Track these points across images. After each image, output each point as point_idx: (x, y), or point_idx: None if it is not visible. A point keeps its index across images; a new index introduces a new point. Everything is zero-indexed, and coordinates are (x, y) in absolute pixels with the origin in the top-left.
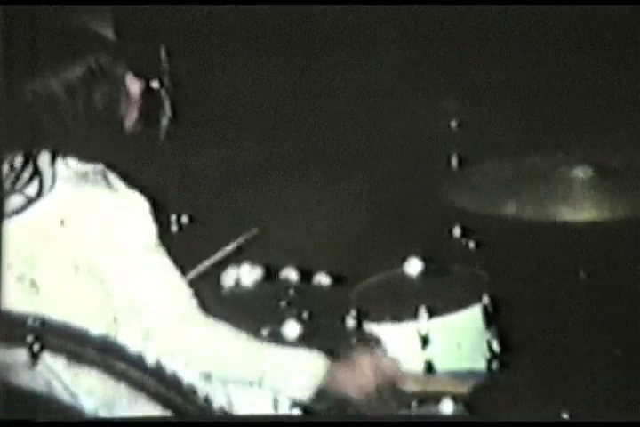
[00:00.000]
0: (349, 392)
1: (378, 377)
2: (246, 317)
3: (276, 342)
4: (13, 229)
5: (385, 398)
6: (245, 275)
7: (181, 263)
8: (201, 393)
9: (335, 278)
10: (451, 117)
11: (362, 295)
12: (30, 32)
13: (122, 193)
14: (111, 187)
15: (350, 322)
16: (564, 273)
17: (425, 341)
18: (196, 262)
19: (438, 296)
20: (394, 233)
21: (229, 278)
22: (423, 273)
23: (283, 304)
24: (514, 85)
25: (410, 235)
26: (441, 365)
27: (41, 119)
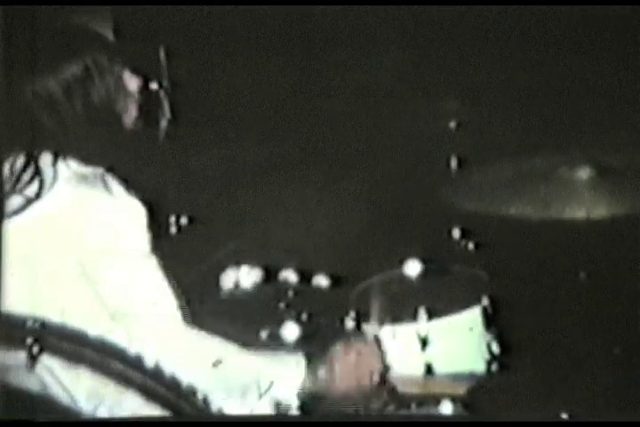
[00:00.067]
0: (333, 393)
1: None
2: (245, 318)
3: (273, 345)
4: (13, 229)
5: (376, 397)
6: (244, 276)
7: (181, 264)
8: (200, 394)
9: (334, 280)
10: (450, 118)
11: (361, 297)
12: (30, 32)
13: (119, 198)
14: (109, 191)
15: (349, 323)
16: (564, 274)
17: (424, 342)
18: (195, 263)
19: (438, 297)
20: (393, 234)
21: (228, 280)
22: (422, 274)
23: (282, 306)
24: (514, 86)
25: (409, 236)
26: (440, 366)
27: (41, 119)
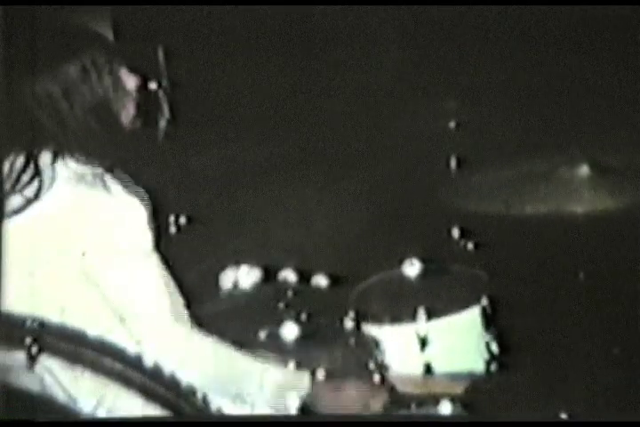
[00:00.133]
0: (333, 409)
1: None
2: (244, 318)
3: (272, 347)
4: (13, 229)
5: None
6: (244, 276)
7: (181, 263)
8: (200, 394)
9: (334, 280)
10: (450, 118)
11: (361, 296)
12: (30, 32)
13: (119, 197)
14: (108, 190)
15: (349, 323)
16: (564, 274)
17: (424, 342)
18: (195, 263)
19: (437, 297)
20: (393, 234)
21: (228, 280)
22: (422, 274)
23: (281, 306)
24: (513, 86)
25: (409, 236)
26: (439, 366)
27: (41, 119)
